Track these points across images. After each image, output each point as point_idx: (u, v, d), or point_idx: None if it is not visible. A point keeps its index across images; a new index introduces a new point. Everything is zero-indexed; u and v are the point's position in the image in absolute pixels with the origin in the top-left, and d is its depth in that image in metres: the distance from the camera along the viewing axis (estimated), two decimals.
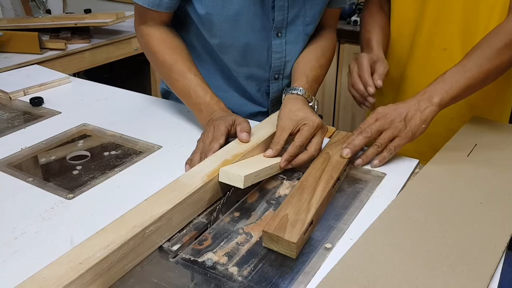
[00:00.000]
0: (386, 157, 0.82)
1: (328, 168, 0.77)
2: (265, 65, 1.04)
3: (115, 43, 2.11)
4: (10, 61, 1.75)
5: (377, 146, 0.82)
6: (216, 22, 0.95)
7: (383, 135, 0.81)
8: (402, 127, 0.80)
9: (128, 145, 0.93)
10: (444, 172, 0.79)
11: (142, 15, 0.98)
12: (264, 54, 1.02)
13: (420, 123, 0.80)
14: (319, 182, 0.73)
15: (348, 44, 2.28)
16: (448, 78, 0.82)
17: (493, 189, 0.74)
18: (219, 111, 0.90)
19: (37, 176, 0.82)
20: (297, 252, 0.61)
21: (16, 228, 0.67)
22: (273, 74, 1.06)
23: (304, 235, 0.63)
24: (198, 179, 0.71)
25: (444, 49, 0.99)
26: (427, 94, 0.82)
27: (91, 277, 0.54)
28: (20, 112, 1.10)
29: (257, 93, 1.09)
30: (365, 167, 0.83)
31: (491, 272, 0.57)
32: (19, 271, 0.58)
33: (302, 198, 0.69)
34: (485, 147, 0.86)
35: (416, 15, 1.01)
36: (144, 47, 1.01)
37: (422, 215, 0.68)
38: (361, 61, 0.95)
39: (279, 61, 1.03)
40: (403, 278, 0.56)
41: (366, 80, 0.93)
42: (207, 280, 0.58)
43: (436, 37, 0.99)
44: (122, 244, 0.57)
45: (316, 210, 0.67)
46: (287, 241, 0.61)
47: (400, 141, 0.81)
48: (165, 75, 0.98)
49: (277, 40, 1.00)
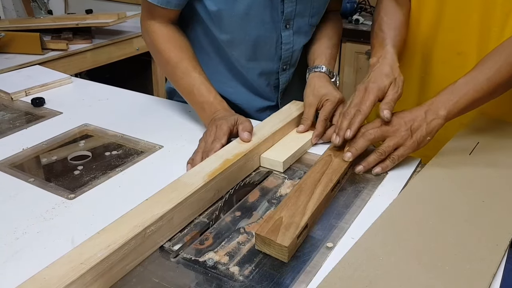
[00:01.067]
0: (389, 166, 0.80)
1: (329, 171, 0.76)
2: (274, 57, 1.05)
3: (117, 43, 2.12)
4: (12, 61, 1.75)
5: (379, 153, 0.80)
6: (227, 18, 0.96)
7: (388, 143, 0.80)
8: (407, 137, 0.79)
9: (129, 145, 0.93)
10: (446, 171, 0.78)
11: (150, 11, 0.98)
12: (273, 46, 1.03)
13: (425, 135, 0.79)
14: (317, 185, 0.72)
15: (350, 43, 2.28)
16: (457, 89, 0.80)
17: (495, 187, 0.74)
18: (222, 110, 0.91)
19: (39, 177, 0.82)
20: (289, 256, 0.60)
21: (17, 229, 0.67)
22: (282, 66, 1.07)
23: (298, 239, 0.62)
24: (199, 179, 0.71)
25: (458, 53, 0.97)
26: (435, 105, 0.80)
27: (92, 277, 0.54)
28: (22, 113, 1.10)
29: (266, 87, 1.10)
30: None
31: (493, 271, 0.56)
32: (20, 271, 0.58)
33: (299, 200, 0.68)
34: (487, 145, 0.86)
35: (434, 18, 0.98)
36: (149, 44, 1.01)
37: (423, 213, 0.67)
38: (366, 99, 0.83)
39: (288, 52, 1.05)
40: (404, 277, 0.55)
41: (354, 123, 0.82)
42: (208, 279, 0.58)
43: (452, 41, 0.97)
44: (123, 244, 0.57)
45: (312, 213, 0.66)
46: (279, 244, 0.60)
47: (405, 151, 0.79)
48: (170, 73, 0.98)
49: (286, 31, 1.02)
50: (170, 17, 0.98)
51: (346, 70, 2.30)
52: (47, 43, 1.88)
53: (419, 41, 1.02)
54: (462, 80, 0.82)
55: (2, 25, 2.00)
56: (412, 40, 1.04)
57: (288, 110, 0.97)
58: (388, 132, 0.80)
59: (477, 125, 0.94)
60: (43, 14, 2.13)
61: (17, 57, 1.80)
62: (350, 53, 2.29)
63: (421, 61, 1.03)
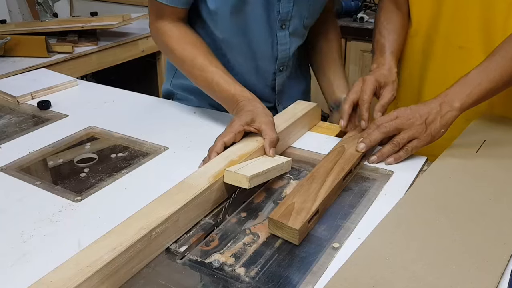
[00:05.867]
0: (402, 157, 0.81)
1: (341, 161, 0.78)
2: (270, 58, 1.05)
3: (122, 45, 2.12)
4: (17, 65, 1.76)
5: (394, 144, 0.81)
6: (224, 16, 0.95)
7: (402, 135, 0.80)
8: (422, 130, 0.79)
9: (135, 147, 0.93)
10: (452, 169, 0.78)
11: (158, 12, 0.98)
12: (269, 46, 1.03)
13: (440, 127, 0.80)
14: (329, 174, 0.74)
15: (355, 42, 2.27)
16: (470, 80, 0.81)
17: (502, 185, 0.73)
18: (244, 102, 0.89)
19: (45, 179, 0.83)
20: (300, 239, 0.63)
21: (24, 231, 0.68)
22: (278, 66, 1.07)
23: (309, 223, 0.65)
24: (204, 180, 0.71)
25: (460, 47, 0.97)
26: (449, 97, 0.81)
27: (98, 279, 0.54)
28: (28, 116, 1.10)
29: (264, 88, 1.10)
30: (372, 165, 0.82)
31: (501, 270, 0.56)
32: (27, 274, 0.58)
33: (311, 187, 0.70)
34: (494, 143, 0.85)
35: (433, 13, 0.99)
36: (161, 45, 1.01)
37: (430, 213, 0.67)
38: (365, 87, 0.90)
39: (284, 52, 1.04)
40: (411, 277, 0.55)
41: (363, 113, 0.89)
42: (214, 281, 0.58)
43: (452, 35, 0.97)
44: (129, 246, 0.57)
45: (323, 200, 0.67)
46: (290, 228, 0.62)
47: (419, 143, 0.80)
48: (187, 71, 0.98)
49: (281, 32, 1.01)
50: (180, 16, 0.98)
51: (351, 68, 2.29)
52: (53, 46, 1.89)
53: (419, 36, 1.03)
54: (475, 70, 0.82)
55: (8, 29, 2.02)
56: (412, 35, 1.04)
57: (292, 110, 0.96)
58: (403, 125, 0.80)
59: (484, 123, 0.93)
60: (48, 17, 2.14)
61: (23, 61, 1.81)
62: (355, 52, 2.28)
63: (422, 56, 1.03)
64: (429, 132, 0.79)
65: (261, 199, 0.75)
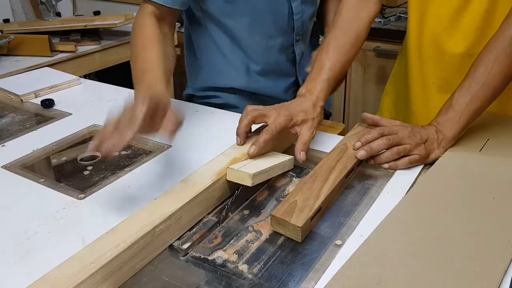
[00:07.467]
0: (398, 167, 0.80)
1: (344, 159, 0.78)
2: (287, 30, 1.09)
3: (125, 44, 2.12)
4: (21, 64, 1.76)
5: (394, 153, 0.80)
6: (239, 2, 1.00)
7: (405, 146, 0.80)
8: (422, 149, 0.80)
9: (138, 145, 0.93)
10: (455, 167, 0.78)
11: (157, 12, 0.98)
12: (285, 18, 1.07)
13: (439, 153, 0.81)
14: (332, 171, 0.74)
15: None
16: (456, 105, 0.81)
17: (505, 184, 0.73)
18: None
19: (49, 177, 0.83)
20: (302, 236, 0.63)
21: (28, 229, 0.68)
22: (296, 37, 1.11)
23: (311, 221, 0.65)
24: (207, 178, 0.71)
25: (469, 55, 0.92)
26: (441, 126, 0.82)
27: (102, 276, 0.54)
28: (32, 114, 1.11)
29: (286, 62, 1.14)
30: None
31: (504, 268, 0.56)
32: (31, 271, 0.59)
33: (314, 185, 0.70)
34: (498, 142, 0.85)
35: (445, 22, 0.95)
36: (132, 36, 0.97)
37: (433, 211, 0.67)
38: (277, 122, 0.80)
39: (299, 22, 1.09)
40: (414, 275, 0.55)
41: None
42: (217, 278, 0.58)
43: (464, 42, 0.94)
44: (132, 243, 0.57)
45: (325, 197, 0.68)
46: (293, 225, 0.63)
47: (418, 161, 0.80)
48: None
49: (295, 1, 1.06)
50: (166, 16, 0.98)
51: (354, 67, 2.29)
52: (56, 45, 1.90)
53: (425, 49, 0.98)
54: (459, 93, 0.82)
55: (11, 28, 2.02)
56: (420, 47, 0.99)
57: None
58: (405, 141, 0.80)
59: (487, 122, 0.93)
60: (51, 16, 2.14)
61: (26, 59, 1.81)
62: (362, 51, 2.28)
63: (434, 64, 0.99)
64: (428, 153, 0.80)
65: (264, 197, 0.75)
